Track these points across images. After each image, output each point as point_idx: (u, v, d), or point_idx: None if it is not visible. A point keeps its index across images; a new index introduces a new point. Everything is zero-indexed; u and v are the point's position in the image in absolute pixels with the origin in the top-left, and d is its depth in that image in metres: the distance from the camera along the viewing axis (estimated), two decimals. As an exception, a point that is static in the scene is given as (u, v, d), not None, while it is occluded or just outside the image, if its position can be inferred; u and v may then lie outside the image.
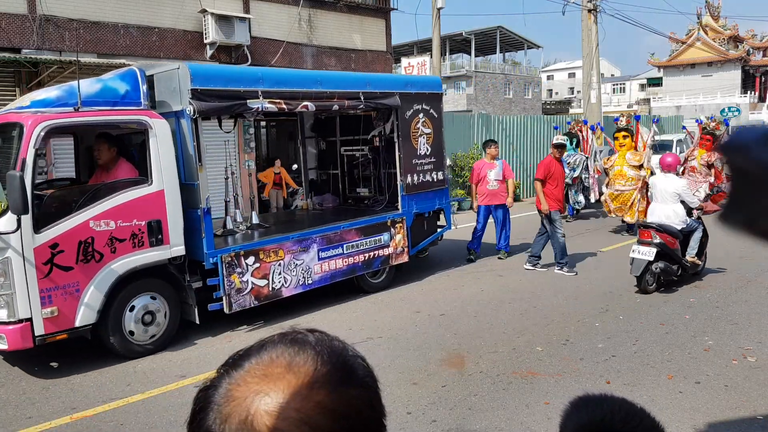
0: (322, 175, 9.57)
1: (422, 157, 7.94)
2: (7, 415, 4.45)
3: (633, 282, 7.54)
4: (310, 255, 6.69)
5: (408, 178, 7.74)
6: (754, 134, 0.68)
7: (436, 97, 8.21)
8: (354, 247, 7.13)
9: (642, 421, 0.99)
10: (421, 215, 8.07)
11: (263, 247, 6.32)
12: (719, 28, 47.68)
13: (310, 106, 6.50)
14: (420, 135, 7.87)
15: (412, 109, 7.76)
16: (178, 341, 5.86)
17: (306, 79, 6.82)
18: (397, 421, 4.07)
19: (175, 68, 5.80)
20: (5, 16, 9.81)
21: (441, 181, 8.26)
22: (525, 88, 42.90)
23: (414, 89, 7.84)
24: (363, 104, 7.08)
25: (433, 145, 8.08)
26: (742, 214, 0.69)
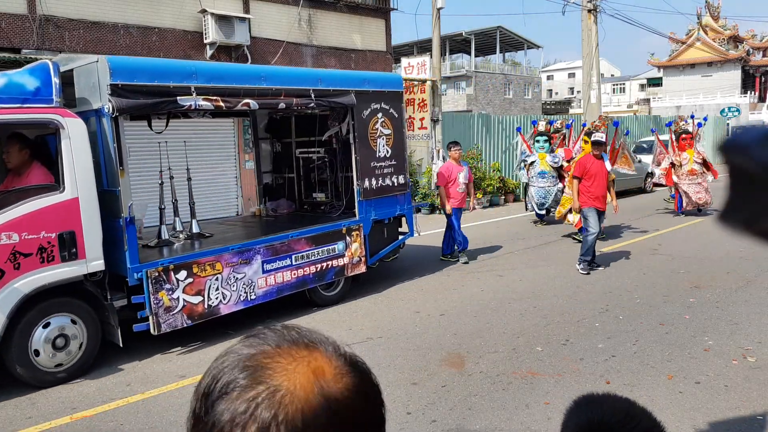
0: (277, 179, 9.03)
1: (382, 159, 7.45)
2: (7, 415, 4.45)
3: (633, 282, 7.55)
4: (253, 268, 6.15)
5: (366, 182, 7.25)
6: (754, 134, 0.68)
7: (396, 95, 7.73)
8: (304, 257, 6.62)
9: (641, 422, 0.99)
10: (380, 222, 7.61)
11: (197, 260, 5.72)
12: (719, 28, 47.68)
13: (253, 104, 6.00)
14: (379, 136, 7.39)
15: (370, 108, 7.28)
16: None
17: (248, 74, 6.28)
18: (397, 421, 4.07)
19: (94, 61, 5.24)
20: (5, 16, 9.81)
21: (402, 186, 7.80)
22: (525, 89, 42.91)
23: (372, 87, 7.33)
24: (314, 103, 6.57)
25: (393, 147, 7.61)
26: (742, 214, 0.69)
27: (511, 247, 10.13)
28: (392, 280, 8.08)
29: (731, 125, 29.90)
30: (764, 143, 0.67)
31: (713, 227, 10.85)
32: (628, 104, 50.73)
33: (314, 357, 0.62)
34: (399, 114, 7.72)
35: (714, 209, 12.22)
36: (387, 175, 7.56)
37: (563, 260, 9.03)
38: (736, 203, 0.71)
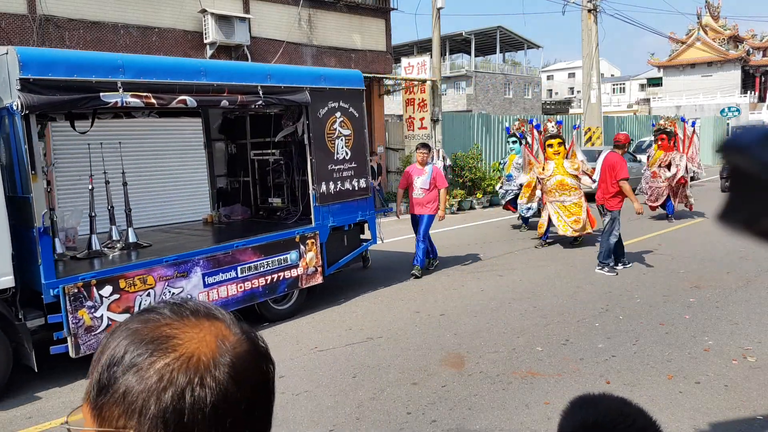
0: (232, 183, 8.41)
1: (340, 162, 6.95)
2: (7, 415, 4.45)
3: (633, 282, 7.55)
4: (192, 281, 5.63)
5: (322, 186, 6.76)
6: (754, 134, 0.68)
7: (356, 94, 7.20)
8: (252, 269, 6.14)
9: (636, 421, 0.99)
10: (339, 229, 7.12)
11: (125, 273, 5.17)
12: (719, 28, 47.67)
13: (190, 101, 5.46)
14: (337, 137, 6.89)
15: (327, 107, 6.79)
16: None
17: (184, 68, 5.73)
18: (397, 421, 4.08)
19: (3, 54, 4.75)
20: (5, 16, 9.82)
21: (364, 190, 7.28)
22: (525, 88, 42.91)
23: (329, 84, 6.83)
24: (262, 100, 6.04)
25: (353, 149, 7.10)
26: (742, 214, 0.70)
27: (511, 247, 10.13)
28: (392, 280, 8.08)
29: (731, 125, 29.87)
30: (764, 143, 0.67)
31: (713, 227, 10.83)
32: (628, 104, 50.73)
33: (216, 326, 0.67)
34: (360, 113, 7.22)
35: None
36: (346, 179, 7.05)
37: (563, 260, 9.03)
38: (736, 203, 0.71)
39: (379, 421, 4.10)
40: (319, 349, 5.56)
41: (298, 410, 4.29)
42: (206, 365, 0.63)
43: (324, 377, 4.88)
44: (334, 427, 4.04)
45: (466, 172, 15.80)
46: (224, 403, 0.62)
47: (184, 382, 0.61)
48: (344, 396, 4.50)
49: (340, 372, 4.98)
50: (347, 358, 5.30)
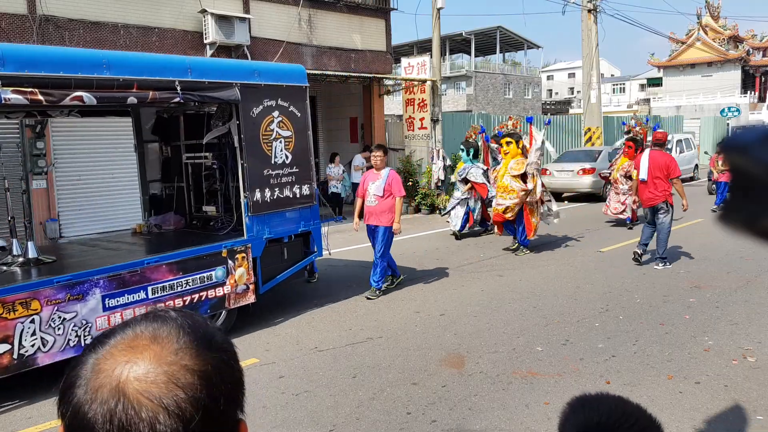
0: (167, 189, 7.61)
1: (278, 166, 6.30)
2: (7, 415, 4.45)
3: (633, 282, 7.55)
4: (89, 305, 4.90)
5: (256, 194, 6.11)
6: (754, 134, 0.68)
7: (298, 91, 6.58)
8: (166, 289, 5.42)
9: (638, 421, 0.99)
10: (277, 241, 6.47)
11: (3, 298, 4.45)
12: (719, 28, 47.67)
13: (88, 98, 4.76)
14: (275, 139, 6.25)
15: (263, 105, 6.15)
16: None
17: (82, 61, 4.92)
18: (397, 421, 4.08)
19: None
20: (5, 16, 9.81)
21: (307, 197, 6.63)
22: (525, 89, 42.92)
23: (265, 80, 6.18)
24: (180, 97, 5.34)
25: (295, 152, 6.48)
26: (742, 214, 0.70)
27: (511, 247, 10.13)
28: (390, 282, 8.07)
29: (731, 125, 29.87)
30: (764, 143, 0.67)
31: (713, 227, 10.88)
32: (628, 104, 50.71)
33: (155, 345, 0.67)
34: (302, 113, 6.61)
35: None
36: (286, 185, 6.39)
37: (563, 260, 9.03)
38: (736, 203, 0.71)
39: (379, 421, 4.10)
40: (319, 349, 5.56)
41: (298, 410, 4.29)
42: (130, 386, 0.64)
43: (324, 377, 4.88)
44: (334, 427, 4.04)
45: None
46: None
47: (113, 402, 0.63)
48: (344, 396, 4.50)
49: (340, 372, 4.98)
50: (347, 358, 5.30)
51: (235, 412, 0.69)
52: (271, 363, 5.25)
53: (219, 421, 0.66)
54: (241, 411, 0.71)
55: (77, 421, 0.64)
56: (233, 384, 0.69)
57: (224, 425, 0.67)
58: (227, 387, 0.67)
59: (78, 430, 0.64)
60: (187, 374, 0.64)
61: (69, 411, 0.65)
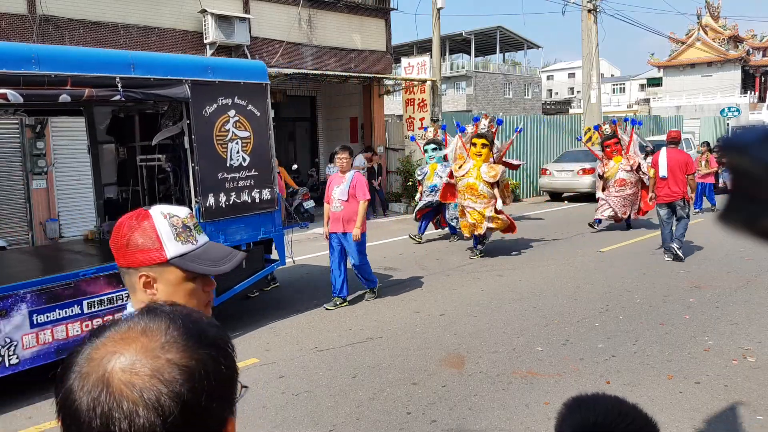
0: (123, 193, 7.21)
1: (235, 169, 5.93)
2: (7, 415, 4.45)
3: (633, 282, 7.55)
4: (14, 321, 4.54)
5: (209, 198, 5.73)
6: (754, 134, 0.68)
7: (257, 89, 6.16)
8: (104, 303, 4.97)
9: (634, 420, 0.99)
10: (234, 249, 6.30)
11: None
12: (719, 28, 47.68)
13: (13, 95, 4.39)
14: (231, 140, 5.88)
15: (217, 104, 5.76)
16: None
17: (7, 55, 4.55)
18: (397, 421, 4.08)
19: None
20: (5, 16, 9.81)
21: (268, 202, 6.25)
22: (525, 89, 42.92)
23: (219, 77, 5.79)
24: (121, 95, 4.96)
25: (254, 154, 6.07)
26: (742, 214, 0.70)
27: (511, 247, 10.13)
28: (392, 281, 8.07)
29: (731, 125, 29.87)
30: (764, 143, 0.67)
31: (713, 227, 10.86)
32: (628, 104, 50.72)
33: (143, 337, 0.68)
34: (262, 111, 6.18)
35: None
36: (243, 190, 6.00)
37: (563, 260, 9.03)
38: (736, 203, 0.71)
39: (379, 421, 4.10)
40: (319, 349, 5.56)
41: (298, 410, 4.29)
42: (116, 377, 0.65)
43: (324, 377, 4.88)
44: (334, 427, 4.04)
45: None
46: None
47: (97, 391, 0.65)
48: (344, 396, 4.50)
49: (340, 372, 4.98)
50: (347, 358, 5.30)
51: (222, 410, 0.69)
52: (271, 363, 5.25)
53: (201, 418, 0.65)
54: (230, 409, 0.71)
55: (67, 408, 0.66)
56: (220, 381, 0.68)
57: (207, 421, 0.67)
58: (212, 384, 0.67)
59: (67, 417, 0.66)
60: (170, 368, 0.65)
61: (61, 397, 0.67)
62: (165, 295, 1.35)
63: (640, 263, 8.62)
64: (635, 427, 0.98)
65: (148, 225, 1.35)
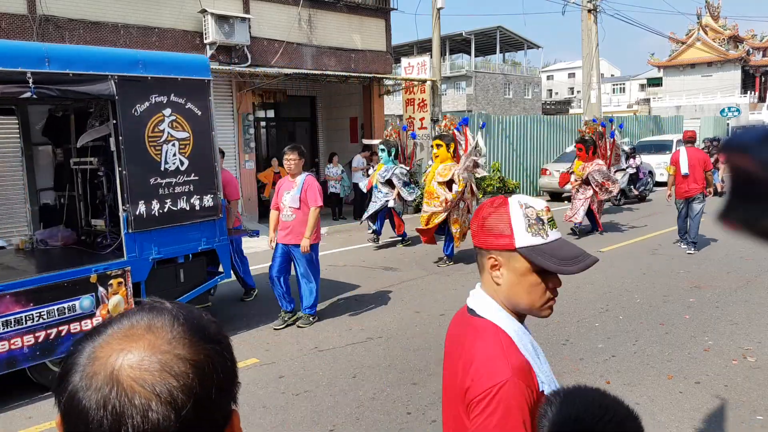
0: (60, 199, 6.62)
1: (171, 174, 5.36)
2: (7, 415, 4.45)
3: (633, 282, 7.55)
4: None
5: (140, 206, 5.17)
6: (755, 134, 0.68)
7: (197, 85, 5.58)
8: (11, 324, 4.43)
9: (616, 413, 0.99)
10: (170, 261, 5.52)
11: None
12: (719, 28, 47.69)
13: None
14: (166, 141, 5.30)
15: (149, 102, 5.21)
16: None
17: None
18: (397, 421, 4.08)
19: None
20: (5, 16, 9.81)
21: (210, 209, 5.67)
22: (525, 89, 42.93)
23: (151, 72, 5.23)
24: (32, 91, 4.45)
25: (194, 157, 5.50)
26: (742, 214, 0.70)
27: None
28: (392, 281, 8.07)
29: (731, 125, 29.88)
30: (764, 143, 0.67)
31: (713, 227, 10.88)
32: (628, 104, 50.73)
33: (149, 334, 0.68)
34: (204, 111, 5.60)
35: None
36: (181, 196, 5.44)
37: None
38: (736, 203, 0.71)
39: (379, 421, 4.10)
40: (319, 349, 5.56)
41: (298, 410, 4.29)
42: (125, 374, 0.65)
43: (324, 377, 4.88)
44: (334, 427, 4.04)
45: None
46: None
47: (106, 388, 0.64)
48: (344, 396, 4.50)
49: (340, 372, 4.98)
50: (347, 358, 5.30)
51: (228, 403, 0.70)
52: (271, 363, 5.25)
53: (210, 411, 0.67)
54: (234, 402, 0.72)
55: (72, 408, 0.65)
56: (226, 375, 0.69)
57: (216, 414, 0.68)
58: (219, 377, 0.68)
59: (73, 417, 0.65)
60: (180, 363, 0.65)
61: (65, 398, 0.66)
62: (508, 283, 1.44)
63: (640, 263, 8.63)
64: (617, 420, 0.98)
65: (504, 212, 1.41)
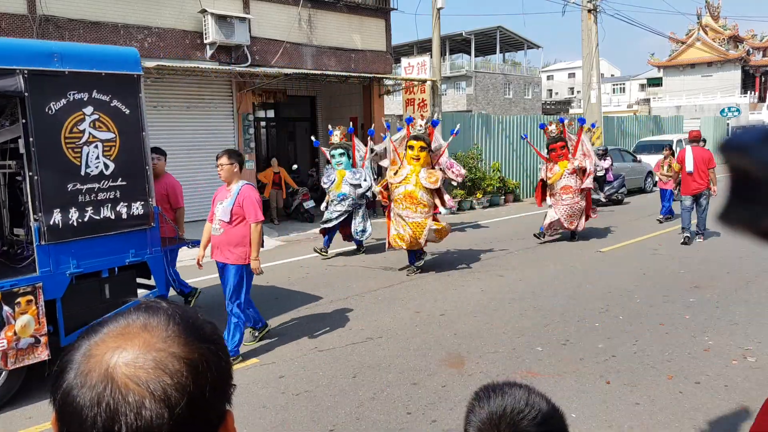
0: None
1: (93, 179, 4.77)
2: (7, 415, 4.45)
3: (633, 282, 7.55)
4: None
5: (55, 215, 4.57)
6: (755, 134, 0.68)
7: (125, 81, 5.00)
8: None
9: (541, 410, 1.00)
10: (93, 276, 4.90)
11: None
12: (719, 28, 47.68)
13: None
14: (87, 142, 4.72)
15: (67, 99, 4.63)
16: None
17: None
18: (397, 421, 4.08)
19: None
20: (5, 16, 9.81)
21: (140, 218, 5.06)
22: (525, 88, 42.91)
23: (69, 66, 4.65)
24: None
25: (120, 160, 4.91)
26: (743, 214, 0.70)
27: (511, 247, 10.13)
28: (391, 281, 8.07)
29: (731, 125, 29.86)
30: (764, 143, 0.67)
31: (713, 227, 10.88)
32: (628, 104, 50.72)
33: (145, 333, 0.69)
34: (132, 109, 5.02)
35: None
36: (105, 203, 4.86)
37: (563, 260, 9.03)
38: (737, 203, 0.71)
39: (379, 421, 4.10)
40: (319, 349, 5.56)
41: (298, 410, 4.29)
42: (119, 371, 0.66)
43: (324, 377, 4.88)
44: (334, 427, 4.04)
45: (467, 172, 15.81)
46: None
47: (100, 384, 0.65)
48: (344, 396, 4.50)
49: (340, 372, 4.98)
50: (347, 358, 5.30)
51: (222, 403, 0.71)
52: (271, 363, 5.25)
53: (204, 409, 0.67)
54: (228, 403, 0.72)
55: (66, 406, 0.65)
56: (220, 374, 0.70)
57: (210, 413, 0.68)
58: (214, 376, 0.68)
59: (67, 414, 0.65)
60: (174, 361, 0.66)
61: (59, 395, 0.66)
62: None
63: (640, 263, 8.63)
64: (542, 417, 0.98)
65: None
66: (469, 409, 1.04)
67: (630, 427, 3.89)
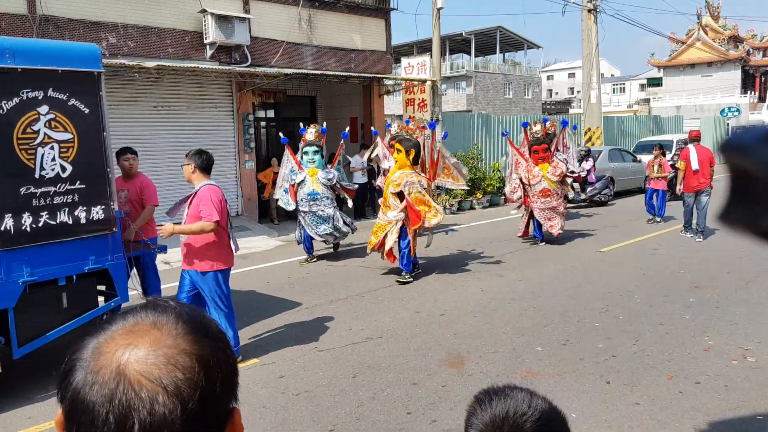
0: None
1: (48, 182, 4.53)
2: (7, 415, 4.45)
3: (633, 282, 7.55)
4: None
5: (6, 219, 4.36)
6: (755, 134, 0.68)
7: (84, 78, 4.76)
8: None
9: (543, 413, 1.00)
10: (49, 284, 4.66)
11: None
12: (719, 28, 47.68)
13: None
14: (42, 144, 4.48)
15: (19, 97, 4.39)
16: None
17: None
18: (397, 421, 4.07)
19: None
20: (5, 16, 9.81)
21: (100, 222, 4.83)
22: (525, 88, 42.92)
23: (23, 62, 4.41)
24: None
25: (79, 162, 4.69)
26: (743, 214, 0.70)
27: (511, 247, 10.13)
28: (391, 281, 8.07)
29: (731, 125, 29.85)
30: (764, 143, 0.67)
31: (713, 227, 10.87)
32: (628, 104, 50.72)
33: (155, 330, 0.69)
34: (92, 108, 4.78)
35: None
36: (61, 207, 4.62)
37: (563, 260, 9.03)
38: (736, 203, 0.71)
39: (379, 421, 4.10)
40: (318, 349, 5.56)
41: (298, 410, 4.29)
42: (129, 368, 0.66)
43: (324, 377, 4.88)
44: (334, 427, 4.04)
45: (468, 173, 15.82)
46: None
47: (112, 381, 0.65)
48: (344, 396, 4.50)
49: (340, 372, 4.98)
50: (347, 358, 5.30)
51: (230, 400, 0.71)
52: (271, 363, 5.25)
53: (215, 405, 0.68)
54: (235, 399, 0.73)
55: (77, 404, 0.65)
56: (228, 370, 0.71)
57: (219, 410, 0.69)
58: (223, 372, 0.69)
59: (77, 413, 0.65)
60: (185, 357, 0.66)
61: (69, 394, 0.66)
62: None
63: (640, 263, 8.63)
64: (544, 420, 0.99)
65: None
66: (471, 411, 1.04)
67: (630, 427, 3.89)
